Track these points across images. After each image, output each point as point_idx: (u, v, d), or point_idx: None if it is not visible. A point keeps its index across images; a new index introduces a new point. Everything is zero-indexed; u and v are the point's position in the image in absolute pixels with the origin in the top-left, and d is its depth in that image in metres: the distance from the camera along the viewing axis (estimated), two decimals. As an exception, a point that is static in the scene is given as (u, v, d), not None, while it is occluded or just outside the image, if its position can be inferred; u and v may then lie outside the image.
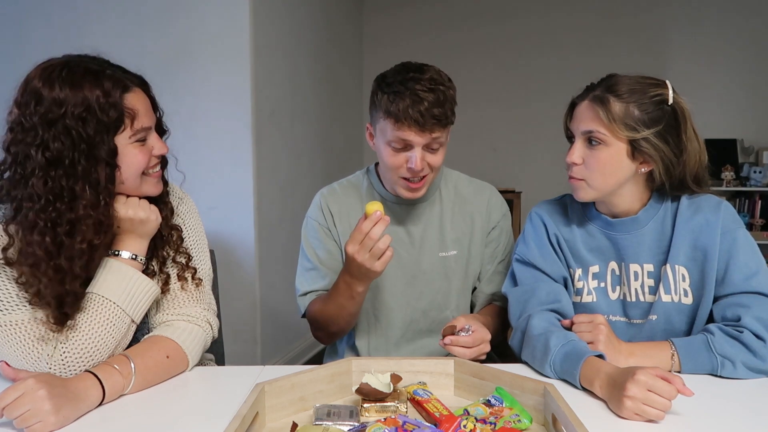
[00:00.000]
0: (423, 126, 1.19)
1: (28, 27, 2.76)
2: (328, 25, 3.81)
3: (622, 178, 1.13)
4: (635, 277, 1.17)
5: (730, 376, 1.01)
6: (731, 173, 4.19)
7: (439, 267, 1.38)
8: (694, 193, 1.16)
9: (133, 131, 1.00)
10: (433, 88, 1.20)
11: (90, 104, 0.94)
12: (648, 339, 1.15)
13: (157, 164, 1.08)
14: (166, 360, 1.04)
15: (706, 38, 4.32)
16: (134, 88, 1.01)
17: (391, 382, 0.93)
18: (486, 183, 1.48)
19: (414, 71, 1.23)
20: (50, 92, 0.94)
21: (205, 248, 1.22)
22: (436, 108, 1.19)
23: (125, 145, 1.00)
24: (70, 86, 0.94)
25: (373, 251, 1.14)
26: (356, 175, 1.47)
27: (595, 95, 1.11)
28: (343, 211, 1.40)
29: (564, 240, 1.23)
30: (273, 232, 2.87)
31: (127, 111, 0.98)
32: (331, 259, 1.40)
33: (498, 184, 1.49)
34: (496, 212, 1.43)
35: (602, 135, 1.09)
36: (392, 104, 1.20)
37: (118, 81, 0.99)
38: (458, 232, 1.39)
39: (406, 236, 1.38)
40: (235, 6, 2.60)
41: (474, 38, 4.57)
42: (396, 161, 1.25)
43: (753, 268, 1.09)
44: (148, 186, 1.07)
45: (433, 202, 1.40)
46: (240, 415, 0.78)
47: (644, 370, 0.87)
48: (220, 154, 2.62)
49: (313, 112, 3.46)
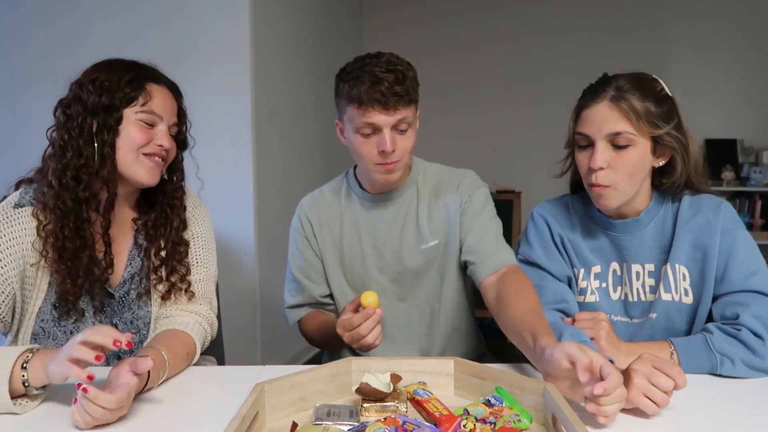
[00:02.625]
0: (386, 105, 1.20)
1: (28, 28, 2.76)
2: (328, 24, 3.81)
3: (645, 177, 1.12)
4: (637, 277, 1.18)
5: (729, 374, 1.01)
6: (731, 173, 4.19)
7: (422, 259, 1.37)
8: (698, 191, 1.16)
9: (141, 109, 1.09)
10: (391, 69, 1.21)
11: (115, 79, 1.08)
12: (648, 338, 1.16)
13: (157, 155, 1.12)
14: (186, 356, 1.10)
15: (706, 38, 4.32)
16: (163, 84, 1.14)
17: (391, 382, 0.93)
18: (463, 169, 1.42)
19: (370, 57, 1.25)
20: (93, 71, 1.10)
21: (213, 251, 1.29)
22: (397, 86, 1.20)
23: (130, 119, 1.09)
24: (108, 69, 1.10)
25: (360, 342, 1.13)
26: (337, 179, 1.48)
27: (614, 95, 1.08)
28: (323, 220, 1.41)
29: (568, 240, 1.23)
30: (273, 232, 2.87)
31: (144, 91, 1.09)
32: (309, 269, 1.42)
33: (498, 184, 1.48)
34: (465, 186, 1.36)
35: (631, 135, 1.07)
36: (353, 89, 1.21)
37: (151, 71, 1.14)
38: (436, 222, 1.37)
39: (385, 233, 1.38)
40: (235, 6, 2.60)
41: (474, 38, 4.56)
42: (367, 148, 1.25)
43: (752, 268, 1.09)
44: (140, 167, 1.11)
45: (410, 196, 1.39)
46: (240, 415, 0.78)
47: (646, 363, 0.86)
48: (220, 154, 2.61)
49: (313, 112, 3.46)
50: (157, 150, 1.12)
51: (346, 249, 1.40)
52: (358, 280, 1.40)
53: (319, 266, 1.42)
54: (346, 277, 1.41)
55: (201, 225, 1.27)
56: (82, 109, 1.06)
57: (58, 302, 1.09)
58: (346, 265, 1.40)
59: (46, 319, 1.10)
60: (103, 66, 1.11)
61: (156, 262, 1.18)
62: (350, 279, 1.41)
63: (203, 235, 1.26)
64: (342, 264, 1.41)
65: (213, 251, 1.29)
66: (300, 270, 1.43)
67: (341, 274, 1.41)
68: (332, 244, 1.41)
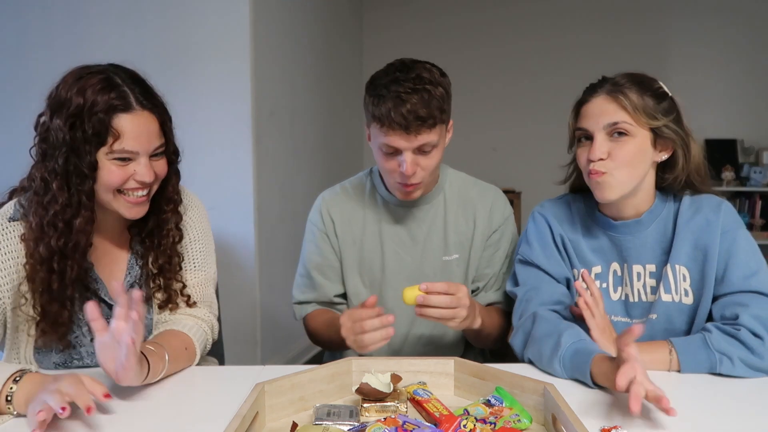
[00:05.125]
0: (408, 129, 1.14)
1: (27, 24, 2.76)
2: (328, 24, 3.81)
3: (645, 170, 1.12)
4: (638, 277, 1.17)
5: (728, 373, 1.01)
6: (731, 173, 4.19)
7: (441, 271, 1.35)
8: (698, 191, 1.16)
9: (110, 149, 1.00)
10: (417, 89, 1.15)
11: (82, 112, 0.97)
12: (648, 338, 1.15)
13: (138, 189, 1.05)
14: (185, 352, 1.09)
15: (706, 38, 4.31)
16: (137, 110, 1.01)
17: (391, 382, 0.93)
18: (491, 185, 1.43)
19: (400, 70, 1.19)
20: (63, 87, 0.99)
21: (212, 252, 1.25)
22: (422, 109, 1.14)
23: (103, 160, 1.01)
24: (77, 91, 0.98)
25: (357, 337, 1.08)
26: (359, 176, 1.44)
27: (611, 89, 1.10)
28: (345, 218, 1.37)
29: (569, 240, 1.22)
30: (273, 232, 2.86)
31: (112, 130, 0.99)
32: (326, 266, 1.38)
33: (498, 184, 1.48)
34: (498, 215, 1.37)
35: (628, 125, 1.08)
36: (376, 108, 1.17)
37: (122, 98, 1.00)
38: (461, 236, 1.36)
39: (408, 239, 1.36)
40: (235, 6, 2.60)
41: (474, 38, 4.56)
42: (389, 165, 1.22)
43: (753, 268, 1.09)
44: (119, 206, 1.05)
45: (437, 204, 1.37)
46: (240, 415, 0.78)
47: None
48: (220, 154, 2.61)
49: (313, 111, 3.46)
50: (137, 185, 1.04)
51: (366, 250, 1.37)
52: (375, 283, 1.37)
53: (337, 264, 1.38)
54: (362, 279, 1.38)
55: (198, 228, 1.22)
56: (56, 145, 0.98)
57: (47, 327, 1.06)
58: (364, 266, 1.37)
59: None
60: (71, 84, 0.99)
61: (154, 270, 1.16)
62: (367, 280, 1.38)
63: (200, 238, 1.22)
64: (360, 264, 1.37)
65: (211, 253, 1.25)
66: (316, 267, 1.38)
67: (357, 274, 1.38)
68: (352, 243, 1.37)
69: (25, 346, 1.09)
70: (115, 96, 0.99)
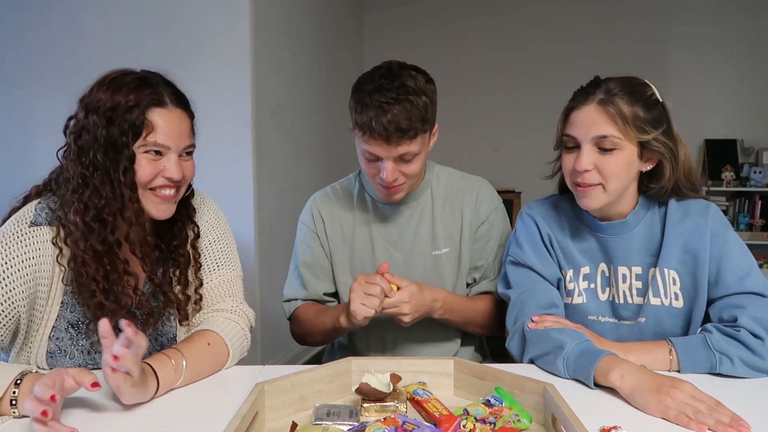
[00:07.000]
0: (388, 140, 1.15)
1: (27, 24, 2.76)
2: (329, 23, 3.81)
3: (630, 180, 1.12)
4: (623, 279, 1.18)
5: (729, 373, 1.01)
6: (731, 173, 4.19)
7: (431, 266, 1.37)
8: (684, 196, 1.16)
9: (143, 142, 1.01)
10: (399, 99, 1.15)
11: (118, 107, 0.99)
12: (638, 341, 1.15)
13: (166, 186, 1.05)
14: (208, 347, 1.06)
15: (706, 38, 4.31)
16: (170, 106, 1.03)
17: (391, 382, 0.93)
18: (478, 177, 1.45)
19: (385, 77, 1.18)
20: (98, 90, 1.01)
21: (234, 251, 1.26)
22: (403, 121, 1.14)
23: (138, 154, 1.02)
24: (112, 90, 1.00)
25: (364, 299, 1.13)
26: (348, 178, 1.47)
27: (602, 99, 1.08)
28: (335, 218, 1.40)
29: (557, 241, 1.22)
30: (273, 232, 2.87)
31: (147, 122, 1.01)
32: (316, 266, 1.41)
33: (498, 184, 1.48)
34: (485, 205, 1.38)
35: (617, 139, 1.07)
36: (359, 115, 1.18)
37: (155, 94, 1.02)
38: (449, 229, 1.37)
39: (398, 236, 1.38)
40: (236, 6, 2.60)
41: (474, 38, 4.56)
42: (370, 170, 1.24)
43: (745, 269, 1.09)
44: (148, 202, 1.04)
45: (424, 200, 1.39)
46: (240, 415, 0.78)
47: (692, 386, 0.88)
48: (220, 154, 2.61)
49: (313, 111, 3.46)
50: (166, 182, 1.04)
51: (357, 249, 1.39)
52: None
53: (326, 263, 1.41)
54: (353, 277, 1.37)
55: (216, 229, 1.23)
56: (92, 142, 0.99)
57: (82, 321, 1.06)
58: (356, 264, 1.39)
59: (62, 337, 1.06)
60: (107, 85, 1.02)
61: (173, 273, 1.15)
62: None
63: (220, 239, 1.23)
64: (352, 263, 1.40)
65: (233, 251, 1.25)
66: (306, 266, 1.41)
67: (349, 273, 1.40)
68: (343, 242, 1.40)
69: (36, 351, 1.07)
70: (149, 92, 1.02)
